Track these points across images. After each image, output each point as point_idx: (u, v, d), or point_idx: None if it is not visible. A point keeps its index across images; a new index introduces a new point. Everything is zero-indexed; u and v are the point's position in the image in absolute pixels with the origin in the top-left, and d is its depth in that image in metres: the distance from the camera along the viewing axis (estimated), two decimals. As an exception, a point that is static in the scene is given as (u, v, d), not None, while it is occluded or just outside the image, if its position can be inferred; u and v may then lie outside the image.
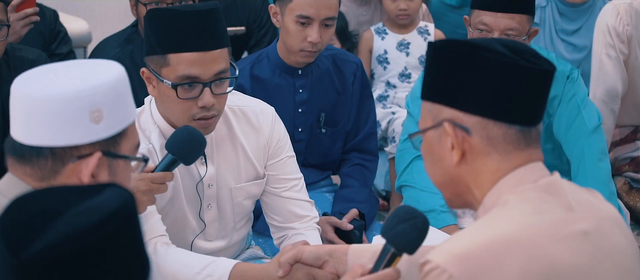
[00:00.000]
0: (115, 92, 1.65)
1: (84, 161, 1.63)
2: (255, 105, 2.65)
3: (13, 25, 3.41)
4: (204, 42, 2.36)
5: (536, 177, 1.65)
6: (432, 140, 1.70)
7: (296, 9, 3.06)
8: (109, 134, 1.64)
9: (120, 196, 1.25)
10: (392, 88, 4.30)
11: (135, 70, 3.55)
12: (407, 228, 1.80)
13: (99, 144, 1.64)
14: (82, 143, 1.62)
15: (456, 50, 1.65)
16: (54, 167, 1.63)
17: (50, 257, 1.18)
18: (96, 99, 1.61)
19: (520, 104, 1.64)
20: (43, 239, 1.18)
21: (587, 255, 1.60)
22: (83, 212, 1.21)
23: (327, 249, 2.12)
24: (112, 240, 1.21)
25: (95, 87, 1.62)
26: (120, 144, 1.67)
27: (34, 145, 1.63)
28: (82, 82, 1.62)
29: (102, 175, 1.66)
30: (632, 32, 3.92)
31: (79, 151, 1.63)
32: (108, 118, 1.63)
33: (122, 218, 1.23)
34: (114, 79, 1.65)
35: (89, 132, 1.62)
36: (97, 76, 1.64)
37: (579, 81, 3.29)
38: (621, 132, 4.14)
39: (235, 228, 2.68)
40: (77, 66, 1.70)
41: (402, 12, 4.27)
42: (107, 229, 1.20)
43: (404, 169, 3.31)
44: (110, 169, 1.67)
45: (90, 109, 1.61)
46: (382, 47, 4.31)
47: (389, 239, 1.82)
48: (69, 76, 1.64)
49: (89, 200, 1.24)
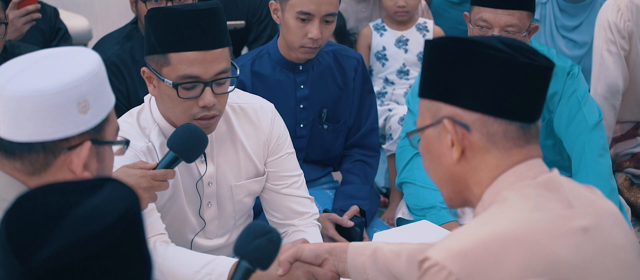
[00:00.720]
0: (98, 80, 1.67)
1: (74, 152, 1.66)
2: (254, 102, 2.65)
3: (14, 21, 3.41)
4: (204, 42, 2.35)
5: (535, 174, 1.65)
6: (431, 138, 1.70)
7: (296, 5, 3.06)
8: (96, 122, 1.67)
9: (125, 197, 1.24)
10: (390, 85, 4.29)
11: (135, 67, 3.56)
12: (264, 243, 1.85)
13: (88, 133, 1.66)
14: (72, 134, 1.65)
15: (455, 47, 1.65)
16: (46, 161, 1.65)
17: (58, 264, 1.17)
18: (83, 90, 1.63)
19: (520, 100, 1.64)
20: (50, 244, 1.18)
21: (586, 252, 1.60)
22: (88, 215, 1.21)
23: (327, 247, 2.12)
24: (119, 245, 1.21)
25: (81, 78, 1.64)
26: (105, 131, 1.70)
27: (25, 142, 1.64)
28: (67, 74, 1.63)
29: (92, 164, 1.69)
30: (633, 27, 3.92)
31: (69, 143, 1.65)
32: (94, 107, 1.66)
33: (129, 222, 1.22)
34: (95, 68, 1.67)
35: (78, 123, 1.64)
36: (79, 66, 1.65)
37: (580, 77, 3.29)
38: (622, 128, 4.14)
39: (235, 226, 2.68)
40: (54, 57, 1.70)
41: (400, 8, 4.25)
42: (115, 234, 1.20)
43: (405, 165, 3.31)
44: (98, 156, 1.70)
45: (78, 100, 1.63)
46: (381, 43, 4.30)
47: (243, 254, 1.85)
48: (51, 69, 1.65)
49: (91, 199, 1.23)
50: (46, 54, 1.70)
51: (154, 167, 2.24)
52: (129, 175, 2.19)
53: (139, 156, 2.43)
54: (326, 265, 2.11)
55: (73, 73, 1.64)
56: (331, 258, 2.10)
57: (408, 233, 2.50)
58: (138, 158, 2.41)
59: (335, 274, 2.11)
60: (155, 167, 2.24)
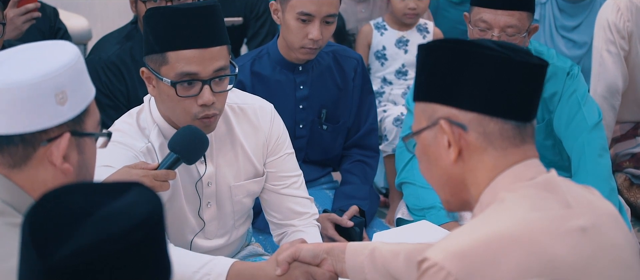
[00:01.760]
0: (76, 71, 1.67)
1: (54, 143, 1.66)
2: (254, 102, 2.65)
3: (14, 20, 3.41)
4: (202, 39, 2.35)
5: (533, 174, 1.65)
6: (428, 141, 1.70)
7: (297, 6, 3.06)
8: (75, 113, 1.67)
9: (149, 201, 1.25)
10: (388, 84, 4.28)
11: (135, 67, 3.56)
12: None
13: (66, 124, 1.67)
14: (50, 126, 1.65)
15: (449, 48, 1.66)
16: (26, 153, 1.66)
17: (78, 263, 1.17)
18: (60, 81, 1.64)
19: (515, 98, 1.64)
20: (72, 242, 1.18)
21: (585, 252, 1.60)
22: (112, 216, 1.21)
23: (325, 247, 2.12)
24: (140, 247, 1.21)
25: (58, 69, 1.64)
26: (85, 122, 1.70)
27: (3, 135, 1.65)
28: (44, 66, 1.64)
29: (73, 156, 1.69)
30: (633, 28, 3.92)
31: (48, 134, 1.66)
32: (72, 98, 1.66)
33: (151, 225, 1.23)
34: (73, 59, 1.67)
35: (56, 115, 1.65)
36: (56, 58, 1.66)
37: (579, 77, 3.29)
38: (622, 128, 4.15)
39: (234, 226, 2.68)
40: (32, 50, 1.71)
41: (411, 10, 4.19)
42: (136, 236, 1.20)
43: (404, 166, 3.31)
44: (79, 148, 1.70)
45: (55, 91, 1.63)
46: (381, 43, 4.28)
47: None
48: (27, 62, 1.66)
49: (116, 201, 1.23)
50: (25, 48, 1.71)
51: (156, 168, 2.24)
52: (130, 175, 2.19)
53: (139, 156, 2.43)
54: (324, 265, 2.11)
55: (50, 64, 1.64)
56: (329, 258, 2.10)
57: (408, 233, 2.50)
58: (137, 158, 2.41)
59: (333, 274, 2.11)
60: (156, 168, 2.24)
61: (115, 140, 2.42)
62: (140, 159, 2.42)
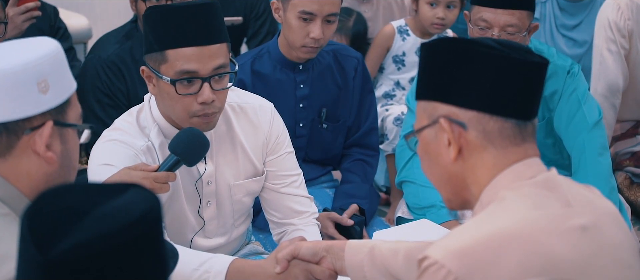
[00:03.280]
0: (58, 61, 1.70)
1: (37, 132, 1.69)
2: (253, 101, 2.65)
3: (14, 19, 3.41)
4: (201, 37, 2.35)
5: (533, 173, 1.65)
6: (429, 139, 1.70)
7: (299, 4, 3.06)
8: (57, 102, 1.70)
9: (146, 199, 1.26)
10: (401, 89, 4.21)
11: (135, 66, 3.56)
12: None
13: (49, 113, 1.69)
14: (33, 114, 1.67)
15: (450, 46, 1.66)
16: (9, 142, 1.69)
17: (77, 257, 1.19)
18: (42, 70, 1.67)
19: (515, 97, 1.64)
20: (71, 238, 1.19)
21: (585, 250, 1.60)
22: (110, 213, 1.22)
23: (325, 245, 2.12)
24: (137, 244, 1.22)
25: (40, 58, 1.67)
26: (67, 113, 1.73)
27: None
28: (25, 55, 1.67)
29: (56, 145, 1.72)
30: (633, 26, 3.92)
31: (31, 123, 1.68)
32: (54, 87, 1.69)
33: (149, 222, 1.24)
34: (53, 50, 1.71)
35: (38, 103, 1.67)
36: (37, 49, 1.69)
37: (580, 76, 3.29)
38: (622, 126, 4.15)
39: (234, 225, 2.68)
40: (13, 44, 1.74)
41: (439, 20, 3.99)
42: (134, 232, 1.21)
43: (404, 164, 3.31)
44: (61, 138, 1.72)
45: (37, 80, 1.66)
46: (402, 48, 4.14)
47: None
48: (9, 52, 1.69)
49: (114, 200, 1.25)
50: (6, 43, 1.74)
51: (156, 169, 2.24)
52: (130, 176, 2.19)
53: (139, 155, 2.43)
54: (324, 262, 2.11)
55: (31, 54, 1.67)
56: (329, 256, 2.10)
57: (408, 232, 2.50)
58: (138, 156, 2.41)
59: (332, 272, 2.11)
60: (156, 169, 2.24)
61: (115, 138, 2.43)
62: (140, 157, 2.42)
